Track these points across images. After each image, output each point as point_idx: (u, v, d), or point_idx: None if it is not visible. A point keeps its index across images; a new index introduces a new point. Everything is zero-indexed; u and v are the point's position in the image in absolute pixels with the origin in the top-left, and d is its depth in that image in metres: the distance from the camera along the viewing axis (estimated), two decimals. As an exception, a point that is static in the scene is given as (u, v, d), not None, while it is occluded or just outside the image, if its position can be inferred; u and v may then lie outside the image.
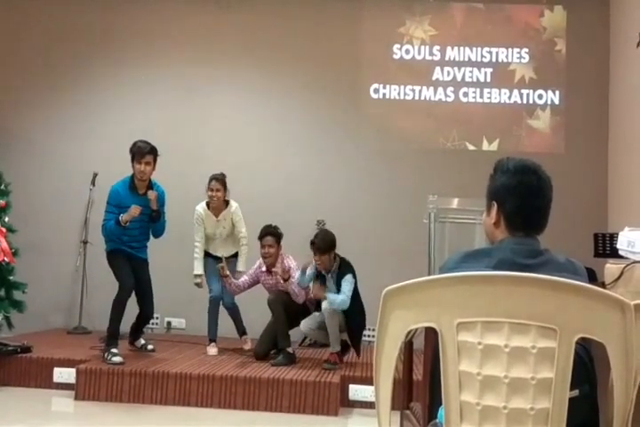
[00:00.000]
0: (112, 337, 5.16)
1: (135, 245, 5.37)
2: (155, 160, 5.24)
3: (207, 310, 5.71)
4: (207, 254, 5.85)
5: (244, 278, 5.73)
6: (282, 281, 5.48)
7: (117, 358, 4.99)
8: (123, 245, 5.31)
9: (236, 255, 5.89)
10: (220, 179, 5.76)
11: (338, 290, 5.24)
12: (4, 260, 5.43)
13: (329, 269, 5.35)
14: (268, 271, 5.66)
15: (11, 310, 5.52)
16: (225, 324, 5.86)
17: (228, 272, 5.53)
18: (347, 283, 5.22)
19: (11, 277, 5.56)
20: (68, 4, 7.13)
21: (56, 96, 7.11)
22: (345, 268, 5.33)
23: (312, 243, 5.30)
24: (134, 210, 5.09)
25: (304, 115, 6.85)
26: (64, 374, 5.03)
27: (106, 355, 5.06)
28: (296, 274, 5.42)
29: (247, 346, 5.84)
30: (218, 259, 5.65)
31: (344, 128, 6.68)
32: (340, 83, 6.88)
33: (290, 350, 5.37)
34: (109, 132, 6.98)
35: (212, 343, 5.69)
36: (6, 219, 5.59)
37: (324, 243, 5.27)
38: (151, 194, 5.22)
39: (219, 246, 5.84)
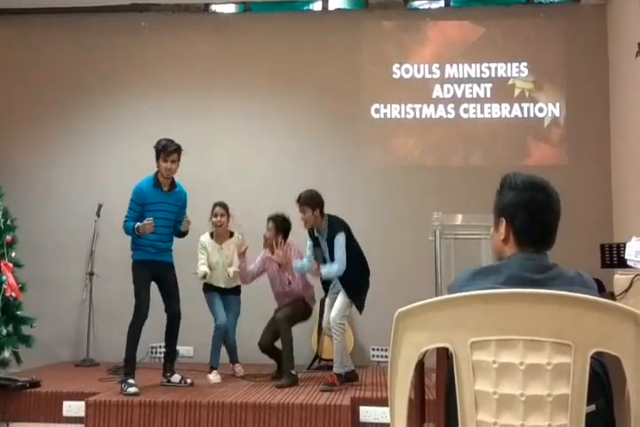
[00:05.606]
0: (128, 366, 5.12)
1: (161, 245, 5.26)
2: (179, 158, 5.26)
3: (212, 338, 5.71)
4: (209, 287, 5.87)
5: (253, 266, 5.84)
6: (278, 266, 5.58)
7: (132, 389, 4.95)
8: (149, 251, 5.22)
9: (237, 289, 5.96)
10: (223, 205, 5.87)
11: (330, 251, 5.22)
12: (11, 295, 5.41)
13: (319, 230, 5.36)
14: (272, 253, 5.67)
15: (19, 346, 5.49)
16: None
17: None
18: (338, 247, 5.19)
19: (18, 313, 5.54)
20: (67, 35, 7.20)
21: (56, 129, 7.14)
22: (335, 226, 5.30)
23: (297, 200, 5.32)
24: (149, 228, 5.03)
25: (306, 137, 6.86)
26: (73, 408, 4.97)
27: (123, 385, 5.03)
28: (295, 262, 5.50)
29: (239, 373, 5.82)
30: (220, 290, 5.82)
31: (346, 149, 6.67)
32: (341, 104, 6.90)
33: (293, 371, 5.36)
34: (111, 162, 7.01)
35: (214, 371, 5.66)
36: (13, 254, 5.59)
37: (305, 195, 5.30)
38: (186, 223, 5.31)
39: (220, 277, 5.85)
